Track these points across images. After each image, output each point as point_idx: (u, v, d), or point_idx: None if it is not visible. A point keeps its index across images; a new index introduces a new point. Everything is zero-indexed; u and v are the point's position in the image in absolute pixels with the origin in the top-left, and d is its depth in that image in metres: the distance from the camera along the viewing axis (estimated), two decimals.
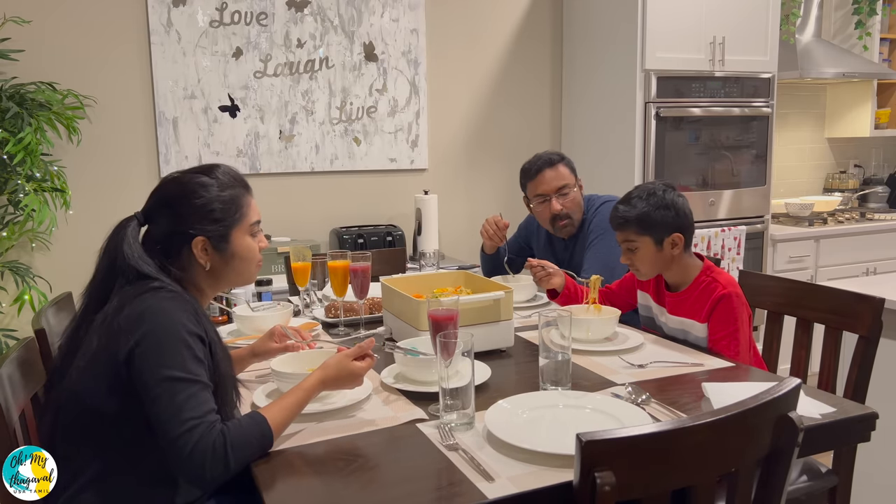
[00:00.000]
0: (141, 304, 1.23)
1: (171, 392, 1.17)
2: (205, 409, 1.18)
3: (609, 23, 3.48)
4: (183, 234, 1.34)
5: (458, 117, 3.68)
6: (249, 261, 1.42)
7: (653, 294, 2.00)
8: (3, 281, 2.84)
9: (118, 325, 1.22)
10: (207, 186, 1.36)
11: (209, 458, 1.15)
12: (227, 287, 1.45)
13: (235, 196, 1.39)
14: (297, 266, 2.19)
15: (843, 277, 3.68)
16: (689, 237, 1.88)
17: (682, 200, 1.88)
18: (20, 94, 2.69)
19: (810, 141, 4.60)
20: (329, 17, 3.33)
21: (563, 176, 2.44)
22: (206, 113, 3.17)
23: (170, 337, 1.21)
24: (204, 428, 1.16)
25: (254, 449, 1.22)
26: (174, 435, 1.15)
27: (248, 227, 1.41)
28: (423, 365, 1.53)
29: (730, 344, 1.77)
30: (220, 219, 1.36)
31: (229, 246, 1.38)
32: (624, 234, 1.88)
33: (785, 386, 1.06)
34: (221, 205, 1.36)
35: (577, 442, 0.93)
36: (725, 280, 1.83)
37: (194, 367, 1.21)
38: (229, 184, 1.39)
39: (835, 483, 1.69)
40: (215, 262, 1.37)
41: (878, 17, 4.27)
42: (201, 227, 1.34)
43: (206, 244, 1.35)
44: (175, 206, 1.35)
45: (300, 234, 3.38)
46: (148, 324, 1.21)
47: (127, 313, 1.23)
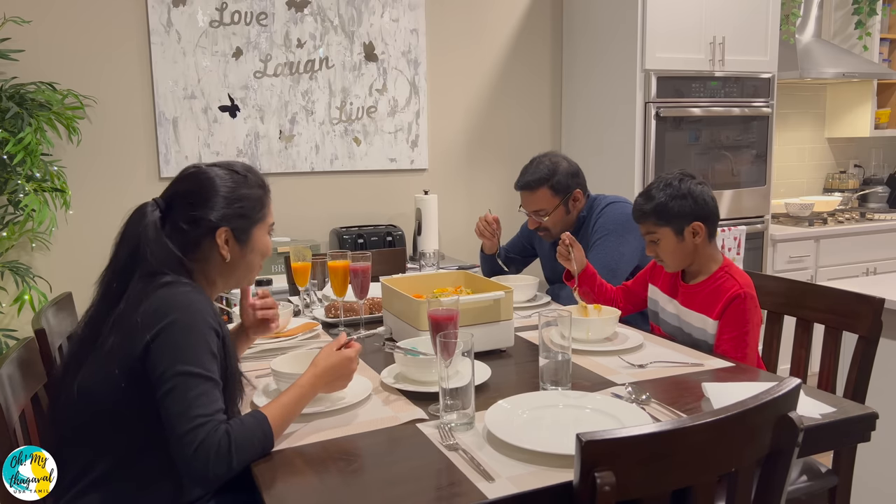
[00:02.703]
0: (159, 297, 1.24)
1: (185, 387, 1.18)
2: (214, 407, 1.19)
3: (609, 23, 3.48)
4: (209, 224, 1.35)
5: (458, 117, 3.68)
6: (262, 256, 1.46)
7: (664, 284, 1.98)
8: (3, 281, 2.84)
9: (136, 322, 1.22)
10: (238, 181, 1.40)
11: (213, 456, 1.15)
12: (234, 284, 1.47)
13: (260, 196, 1.44)
14: (297, 266, 2.19)
15: (843, 277, 3.69)
16: (710, 226, 1.85)
17: (702, 189, 1.84)
18: (20, 94, 2.69)
19: (810, 141, 4.61)
20: (329, 17, 3.33)
21: (539, 201, 2.41)
22: (206, 113, 3.17)
23: (190, 330, 1.21)
24: (211, 426, 1.16)
25: (256, 449, 1.22)
26: (182, 431, 1.15)
27: (266, 227, 1.46)
28: (423, 365, 1.53)
29: (737, 346, 1.76)
30: (246, 214, 1.40)
31: (250, 241, 1.41)
32: (645, 227, 1.88)
33: (785, 386, 1.06)
34: (248, 201, 1.40)
35: (577, 442, 0.93)
36: (743, 280, 1.81)
37: (209, 363, 1.22)
38: (257, 183, 1.44)
39: (835, 483, 1.69)
40: (234, 254, 1.40)
41: (878, 17, 4.27)
42: (227, 218, 1.37)
43: (230, 236, 1.38)
44: (201, 196, 1.36)
45: (300, 234, 3.38)
46: (168, 316, 1.21)
47: (144, 309, 1.23)
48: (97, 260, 1.40)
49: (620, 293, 2.13)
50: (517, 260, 2.78)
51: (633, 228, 2.34)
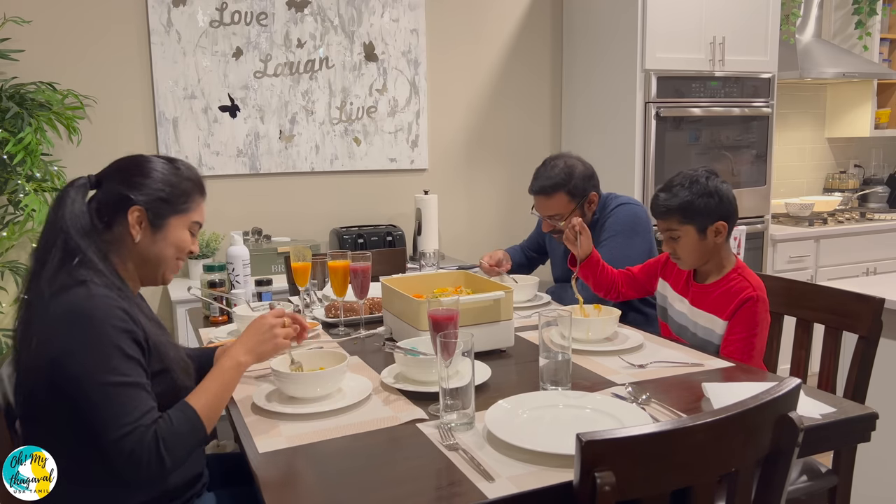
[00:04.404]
0: (64, 305, 1.21)
1: (105, 397, 1.16)
2: (139, 411, 1.17)
3: (609, 23, 3.48)
4: (125, 200, 1.33)
5: (458, 117, 3.68)
6: (177, 250, 1.40)
7: (676, 282, 1.96)
8: (3, 281, 2.84)
9: (46, 329, 1.20)
10: (166, 169, 1.38)
11: (145, 462, 1.15)
12: (150, 276, 1.40)
13: (188, 189, 1.40)
14: (297, 266, 2.19)
15: (843, 277, 3.68)
16: (732, 226, 1.82)
17: (726, 187, 1.81)
18: (20, 94, 2.69)
19: (810, 141, 4.61)
20: (329, 17, 3.33)
21: (555, 206, 2.35)
22: (206, 113, 3.17)
23: (97, 340, 1.18)
24: (138, 434, 1.15)
25: (188, 443, 1.22)
26: (108, 441, 1.15)
27: (187, 222, 1.41)
28: (423, 365, 1.52)
29: (744, 348, 1.75)
30: (166, 199, 1.36)
31: (163, 228, 1.37)
32: (666, 224, 1.82)
33: (785, 386, 1.06)
34: (172, 188, 1.37)
35: (577, 442, 0.93)
36: (756, 283, 1.79)
37: (125, 366, 1.19)
38: (188, 177, 1.41)
39: (835, 483, 1.69)
40: (145, 239, 1.35)
41: (878, 17, 4.27)
42: (146, 198, 1.34)
43: (143, 216, 1.34)
44: (129, 174, 1.36)
45: (300, 234, 3.38)
46: (75, 326, 1.19)
47: (53, 311, 1.21)
48: None
49: (622, 277, 2.10)
50: (536, 258, 2.77)
51: (641, 231, 2.33)
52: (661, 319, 2.03)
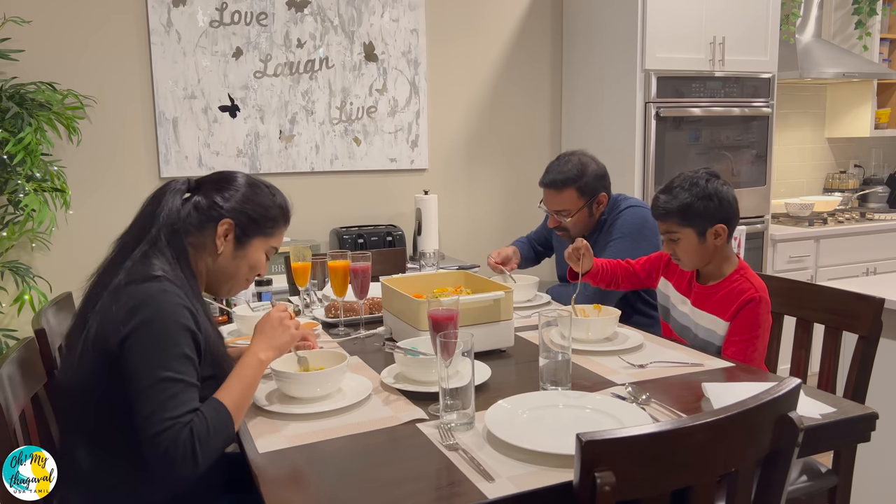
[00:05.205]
0: (138, 293, 1.24)
1: (156, 390, 1.18)
2: (184, 409, 1.19)
3: (609, 23, 3.48)
4: (218, 211, 1.40)
5: (459, 117, 3.68)
6: (250, 269, 1.47)
7: (678, 283, 1.96)
8: (3, 281, 2.84)
9: (113, 315, 1.23)
10: (263, 194, 1.46)
11: (179, 459, 1.16)
12: (216, 285, 1.47)
13: (276, 216, 1.48)
14: (297, 266, 2.19)
15: (843, 277, 3.68)
16: (732, 228, 1.81)
17: (727, 189, 1.80)
18: (20, 94, 2.69)
19: (810, 141, 4.61)
20: (329, 17, 3.33)
21: (563, 202, 2.35)
22: (206, 113, 3.17)
23: (161, 332, 1.22)
24: (176, 430, 1.17)
25: (220, 442, 1.22)
26: (151, 432, 1.16)
27: (267, 245, 1.49)
28: (423, 365, 1.53)
29: (745, 349, 1.75)
30: (255, 220, 1.44)
31: (246, 246, 1.44)
32: (666, 225, 1.83)
33: (785, 386, 1.06)
34: (264, 211, 1.45)
35: (577, 442, 0.93)
36: (758, 284, 1.79)
37: (181, 365, 1.22)
38: (279, 204, 1.49)
39: (835, 483, 1.69)
40: (227, 251, 1.42)
41: (878, 17, 4.27)
42: (237, 214, 1.41)
43: (231, 230, 1.41)
44: (229, 188, 1.43)
45: (300, 234, 3.38)
46: (142, 314, 1.22)
47: (122, 302, 1.24)
48: (97, 260, 1.40)
49: (621, 270, 2.10)
50: (542, 252, 2.77)
51: (648, 235, 2.32)
52: (664, 319, 2.03)
